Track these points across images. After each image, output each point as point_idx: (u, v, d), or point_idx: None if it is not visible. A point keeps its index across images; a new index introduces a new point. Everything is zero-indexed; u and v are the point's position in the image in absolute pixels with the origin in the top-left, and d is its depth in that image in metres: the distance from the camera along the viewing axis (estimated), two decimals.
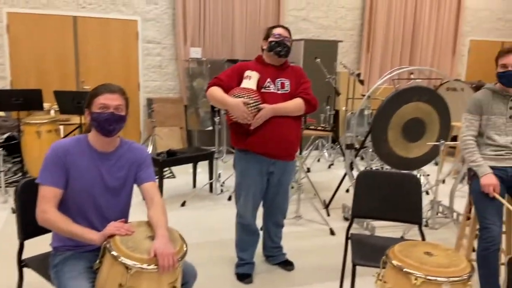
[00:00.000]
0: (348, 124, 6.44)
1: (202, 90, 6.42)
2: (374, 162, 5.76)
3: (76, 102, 4.45)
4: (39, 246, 2.18)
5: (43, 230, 1.97)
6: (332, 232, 3.70)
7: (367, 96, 4.03)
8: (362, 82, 5.38)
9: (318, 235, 3.67)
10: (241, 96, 2.50)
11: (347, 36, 7.74)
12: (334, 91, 5.00)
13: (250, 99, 2.49)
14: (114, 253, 1.59)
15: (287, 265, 3.05)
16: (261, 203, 2.87)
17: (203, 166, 5.64)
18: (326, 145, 6.76)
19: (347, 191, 4.92)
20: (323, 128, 4.78)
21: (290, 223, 3.87)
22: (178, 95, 6.96)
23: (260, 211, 2.90)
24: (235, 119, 2.53)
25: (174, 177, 5.36)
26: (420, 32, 7.91)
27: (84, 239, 1.72)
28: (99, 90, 1.81)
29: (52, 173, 1.77)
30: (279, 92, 2.63)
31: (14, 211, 3.85)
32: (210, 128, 6.47)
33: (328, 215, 4.16)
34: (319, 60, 4.93)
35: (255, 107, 2.50)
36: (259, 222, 2.94)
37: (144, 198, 1.90)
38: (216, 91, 2.59)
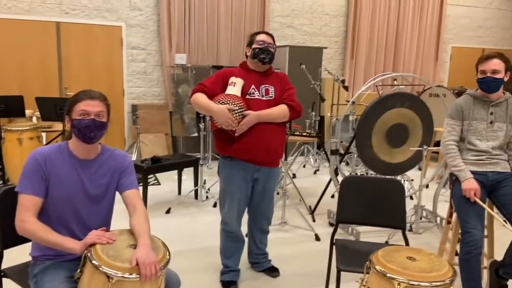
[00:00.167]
0: (333, 130, 6.48)
1: (187, 96, 6.39)
2: (359, 167, 5.80)
3: (59, 109, 4.40)
4: (19, 255, 2.14)
5: (22, 240, 1.93)
6: (317, 238, 3.71)
7: (351, 102, 4.06)
8: (346, 88, 5.43)
9: (304, 241, 3.67)
10: (225, 102, 2.49)
11: (332, 42, 7.82)
12: (319, 97, 5.03)
13: (235, 105, 2.49)
14: (95, 262, 1.57)
15: (272, 271, 3.04)
16: (246, 210, 2.86)
17: (188, 172, 5.60)
18: (312, 151, 6.79)
19: (333, 196, 4.94)
20: (308, 134, 4.80)
21: (276, 229, 3.86)
22: (163, 102, 6.92)
23: (245, 218, 2.88)
24: (220, 126, 2.52)
25: (159, 184, 5.31)
26: (403, 39, 8.03)
27: (64, 248, 1.68)
28: (79, 96, 1.78)
29: (32, 181, 1.74)
30: (264, 98, 2.63)
31: None
32: (195, 134, 6.45)
33: (314, 221, 4.16)
34: (304, 66, 4.96)
35: (239, 114, 2.50)
36: (244, 228, 2.93)
37: (126, 206, 1.87)
38: (200, 98, 2.58)
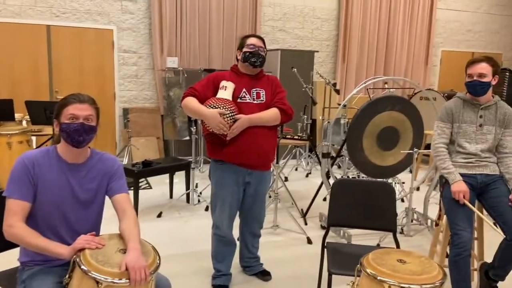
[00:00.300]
0: (325, 133, 6.50)
1: (179, 99, 6.38)
2: (350, 170, 5.82)
3: (49, 113, 4.36)
4: (7, 261, 2.11)
5: (11, 245, 1.91)
6: (309, 241, 3.71)
7: (342, 105, 4.08)
8: (338, 92, 5.44)
9: (296, 244, 3.67)
10: (216, 106, 2.49)
11: (323, 46, 7.85)
12: (311, 100, 5.05)
13: (226, 109, 2.48)
14: (84, 267, 1.55)
15: (264, 275, 3.03)
16: (237, 214, 2.85)
17: (180, 176, 5.59)
18: (304, 154, 6.80)
19: (325, 199, 4.94)
20: (299, 137, 4.81)
21: (268, 233, 3.86)
22: (154, 105, 6.89)
23: (237, 221, 2.88)
24: (211, 130, 2.52)
25: (151, 188, 5.28)
26: (394, 43, 8.09)
27: (53, 253, 1.66)
28: (68, 100, 1.76)
29: (20, 186, 1.72)
30: (255, 102, 2.63)
31: None
32: (187, 138, 6.43)
33: (306, 224, 4.16)
34: (295, 70, 4.98)
35: (231, 118, 2.49)
36: (236, 232, 2.92)
37: (115, 210, 1.86)
38: (191, 102, 2.57)
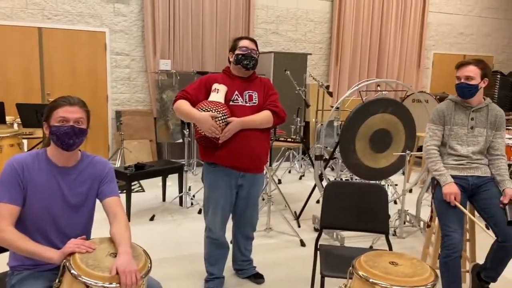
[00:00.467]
0: (318, 135, 6.51)
1: (171, 102, 6.35)
2: (344, 172, 5.83)
3: (40, 115, 4.33)
4: None
5: (0, 249, 1.88)
6: (302, 244, 3.70)
7: (335, 108, 4.09)
8: (331, 94, 5.46)
9: (289, 246, 3.66)
10: (208, 109, 2.48)
11: (316, 49, 7.87)
12: (304, 103, 5.05)
13: (218, 112, 2.48)
14: (74, 271, 1.53)
15: (257, 278, 3.02)
16: (230, 216, 2.84)
17: (173, 179, 5.56)
18: (297, 156, 6.81)
19: (318, 202, 4.94)
20: (293, 140, 4.81)
21: (261, 235, 3.85)
22: (147, 108, 6.87)
23: (230, 224, 2.87)
24: (203, 133, 2.51)
25: (143, 190, 5.26)
26: (386, 46, 8.14)
27: (43, 257, 1.64)
28: (58, 102, 1.75)
29: (9, 189, 1.70)
30: (247, 104, 2.63)
31: None
32: (180, 140, 6.41)
33: (299, 226, 4.16)
34: (288, 72, 4.98)
35: (223, 121, 2.49)
36: (229, 235, 2.91)
37: (106, 214, 1.84)
38: (183, 105, 2.56)
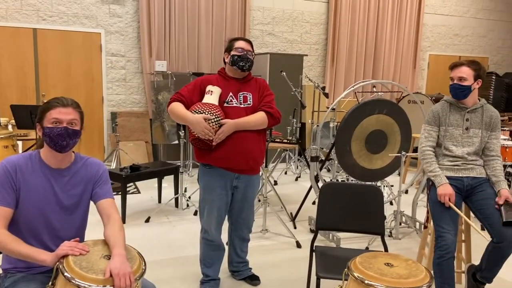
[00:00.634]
0: (314, 137, 6.51)
1: (167, 103, 6.34)
2: (340, 174, 5.83)
3: (35, 117, 4.30)
4: None
5: None
6: (298, 245, 3.70)
7: (331, 109, 4.08)
8: (327, 95, 5.46)
9: (285, 248, 3.66)
10: (201, 111, 2.48)
11: (312, 50, 7.88)
12: (300, 104, 5.05)
13: (211, 114, 2.47)
14: (67, 274, 1.52)
15: (253, 279, 3.01)
16: (226, 218, 2.84)
17: (169, 180, 5.55)
18: (293, 157, 6.80)
19: (314, 203, 4.94)
20: (288, 141, 4.81)
21: (257, 237, 3.84)
22: (143, 109, 6.85)
23: (226, 226, 2.86)
24: (197, 135, 2.51)
25: (139, 192, 5.24)
26: (382, 47, 8.16)
27: (36, 260, 1.63)
28: (51, 103, 1.73)
29: (1, 191, 1.68)
30: (242, 106, 2.62)
31: None
32: (176, 142, 6.39)
33: (295, 228, 4.15)
34: (284, 73, 4.98)
35: (216, 123, 2.48)
36: (225, 237, 2.90)
37: (100, 216, 1.83)
38: (177, 107, 2.56)
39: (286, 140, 4.80)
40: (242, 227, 2.90)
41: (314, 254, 2.49)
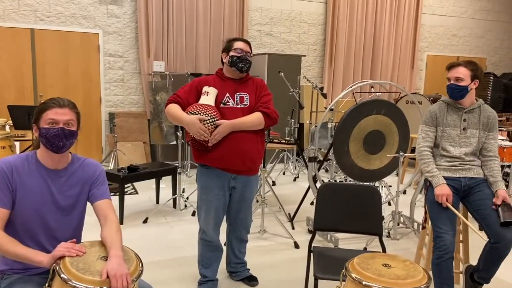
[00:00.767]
0: (312, 137, 6.51)
1: (165, 104, 6.34)
2: (338, 174, 5.84)
3: (32, 117, 4.29)
4: None
5: None
6: (296, 246, 3.69)
7: (329, 109, 4.09)
8: (325, 96, 5.46)
9: (283, 248, 3.65)
10: (197, 112, 2.48)
11: (310, 50, 7.88)
12: (298, 104, 5.05)
13: (206, 115, 2.47)
14: (64, 275, 1.51)
15: (251, 280, 3.01)
16: (224, 218, 2.83)
17: (166, 181, 5.54)
18: (291, 158, 6.80)
19: (312, 203, 4.94)
20: (287, 141, 4.80)
21: (255, 237, 3.84)
22: (141, 109, 6.84)
23: (224, 226, 2.85)
24: (193, 136, 2.51)
25: (137, 193, 5.23)
26: (380, 48, 8.16)
27: (32, 261, 1.62)
28: (47, 104, 1.73)
29: None
30: (238, 106, 2.62)
31: None
32: (174, 142, 6.38)
33: (293, 228, 4.15)
34: (282, 74, 4.98)
35: (211, 123, 2.48)
36: (223, 237, 2.89)
37: (97, 217, 1.83)
38: (173, 109, 2.57)
39: (284, 141, 4.80)
40: (240, 227, 2.89)
41: (312, 254, 2.48)
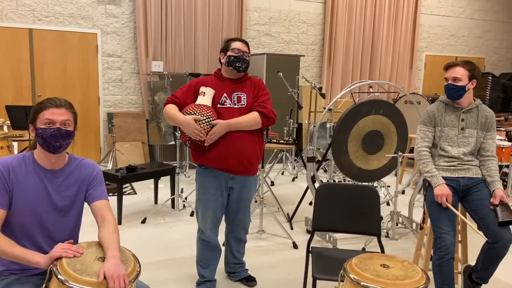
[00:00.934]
0: (310, 137, 6.51)
1: (164, 104, 6.33)
2: (336, 174, 5.83)
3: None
4: None
5: None
6: (295, 246, 3.69)
7: (327, 109, 4.08)
8: (323, 96, 5.46)
9: (281, 249, 3.65)
10: (192, 113, 2.48)
11: (309, 50, 7.88)
12: (297, 104, 5.04)
13: (202, 115, 2.47)
14: (61, 276, 1.51)
15: (249, 281, 3.00)
16: (223, 219, 2.82)
17: (165, 181, 5.53)
18: (290, 158, 6.80)
19: (311, 204, 4.93)
20: (285, 142, 4.80)
21: (253, 238, 3.83)
22: (139, 110, 6.83)
23: (222, 227, 2.85)
24: (189, 136, 2.51)
25: (135, 193, 5.22)
26: (379, 48, 8.16)
27: (29, 262, 1.61)
28: (44, 104, 1.72)
29: None
30: (236, 106, 2.61)
31: None
32: (172, 142, 6.37)
33: (292, 229, 4.15)
34: (281, 74, 4.97)
35: (207, 123, 2.48)
36: (221, 238, 2.88)
37: (95, 217, 1.82)
38: (170, 109, 2.58)
39: (282, 141, 4.79)
40: (239, 228, 2.89)
41: (310, 255, 2.48)
